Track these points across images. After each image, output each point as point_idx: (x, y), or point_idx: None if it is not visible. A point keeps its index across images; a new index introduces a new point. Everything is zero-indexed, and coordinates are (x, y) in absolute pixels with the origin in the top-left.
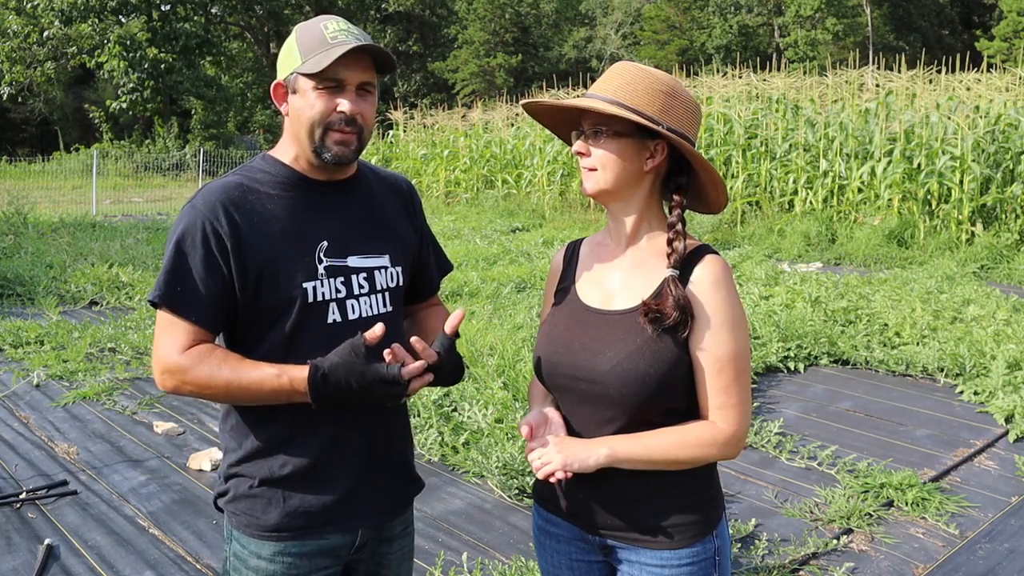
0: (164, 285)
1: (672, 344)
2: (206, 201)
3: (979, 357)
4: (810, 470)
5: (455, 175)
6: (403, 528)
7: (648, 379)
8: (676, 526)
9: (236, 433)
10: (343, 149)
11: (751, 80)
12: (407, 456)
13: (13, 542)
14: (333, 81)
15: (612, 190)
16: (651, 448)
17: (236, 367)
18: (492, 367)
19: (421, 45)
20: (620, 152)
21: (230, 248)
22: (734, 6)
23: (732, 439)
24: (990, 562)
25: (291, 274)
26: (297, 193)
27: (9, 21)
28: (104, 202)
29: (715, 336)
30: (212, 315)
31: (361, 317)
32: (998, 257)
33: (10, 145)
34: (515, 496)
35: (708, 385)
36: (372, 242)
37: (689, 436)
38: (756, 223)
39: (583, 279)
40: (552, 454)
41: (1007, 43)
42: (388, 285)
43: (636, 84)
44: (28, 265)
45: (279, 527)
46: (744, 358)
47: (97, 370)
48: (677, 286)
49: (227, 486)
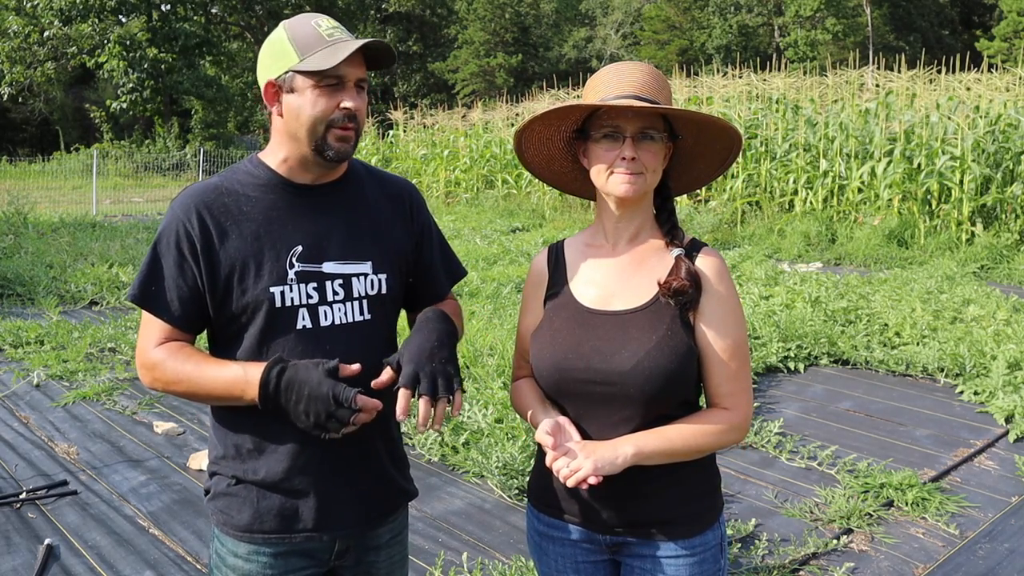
0: (139, 285)
1: (685, 336)
2: (182, 204)
3: (979, 357)
4: (810, 470)
5: (455, 175)
6: (392, 537)
7: (670, 374)
8: (688, 516)
9: (217, 431)
10: (344, 145)
11: (751, 80)
12: (392, 466)
13: (13, 542)
14: (335, 79)
15: (646, 192)
16: (673, 441)
17: (199, 363)
18: (492, 367)
19: (421, 45)
20: (663, 155)
21: (200, 250)
22: (734, 6)
23: (744, 422)
24: (990, 562)
25: (259, 277)
26: (276, 196)
27: (9, 21)
28: (104, 202)
29: (724, 323)
30: (184, 315)
31: (334, 324)
32: (998, 257)
33: (10, 145)
34: (515, 496)
35: (720, 373)
36: (353, 247)
37: (707, 424)
38: (756, 223)
39: (577, 281)
40: (581, 460)
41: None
42: (367, 292)
43: (661, 83)
44: (28, 265)
45: (251, 528)
46: (746, 346)
47: (97, 370)
48: (686, 261)
49: (210, 483)
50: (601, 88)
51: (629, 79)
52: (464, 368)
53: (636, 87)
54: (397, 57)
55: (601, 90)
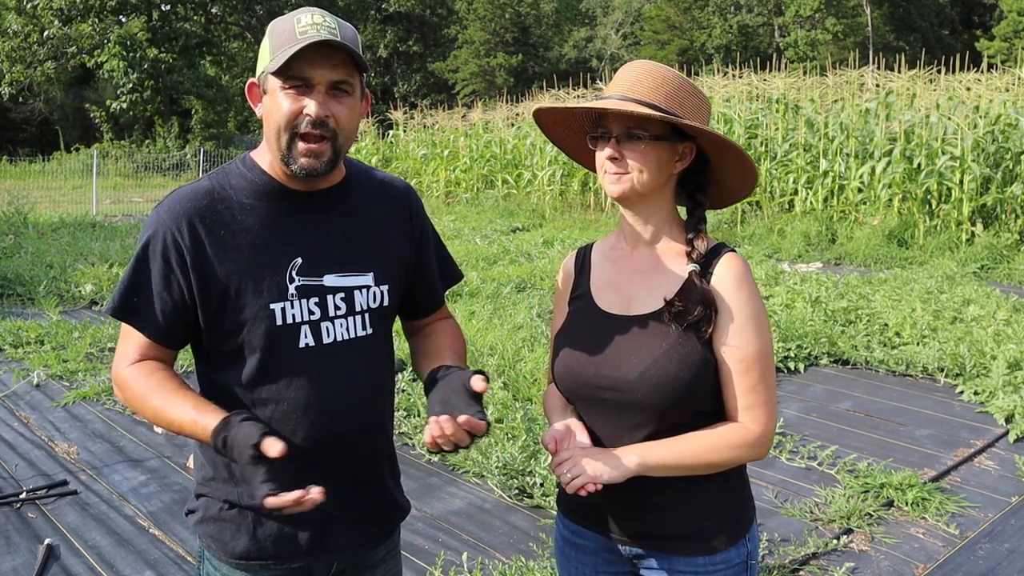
0: (119, 296)
1: (698, 345)
2: (171, 210)
3: (979, 357)
4: (810, 470)
5: (455, 175)
6: (387, 552)
7: (678, 383)
8: (709, 531)
9: (206, 451)
10: (312, 161)
11: (751, 80)
12: (391, 479)
13: (13, 542)
14: (299, 80)
15: (643, 193)
16: (682, 453)
17: (166, 399)
18: (492, 367)
19: (421, 45)
20: (657, 156)
21: (190, 263)
22: (734, 6)
23: (762, 439)
24: (990, 562)
25: (258, 293)
26: (273, 204)
27: (9, 21)
28: (104, 202)
29: (740, 334)
30: (167, 331)
31: (336, 341)
32: (998, 257)
33: (10, 145)
34: (515, 496)
35: (736, 385)
36: (354, 258)
37: (719, 439)
38: (756, 223)
39: (599, 285)
40: (581, 467)
41: (1007, 43)
42: (369, 306)
43: (669, 85)
44: (28, 265)
45: (248, 555)
46: (769, 356)
47: (97, 370)
48: (700, 280)
49: (197, 504)
50: (606, 90)
51: (625, 79)
52: None
53: (626, 87)
54: (366, 63)
55: (606, 92)
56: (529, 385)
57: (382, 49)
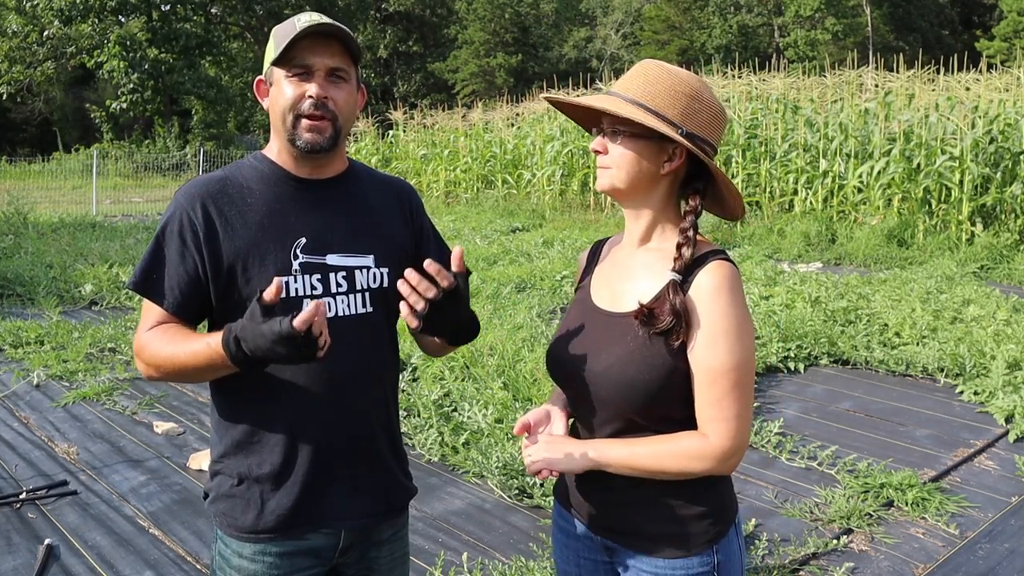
0: (139, 272)
1: (665, 351)
2: (187, 193)
3: (979, 357)
4: (810, 470)
5: (455, 175)
6: (394, 532)
7: (637, 385)
8: (671, 535)
9: (218, 427)
10: (315, 136)
11: (751, 80)
12: (392, 459)
13: (13, 542)
14: (301, 68)
15: (625, 190)
16: (637, 455)
17: (179, 341)
18: (492, 367)
19: (421, 45)
20: (637, 153)
21: (203, 239)
22: (734, 6)
23: (721, 454)
24: (990, 562)
25: (263, 267)
26: (280, 188)
27: (9, 21)
28: (104, 202)
29: (711, 346)
30: (183, 303)
31: (338, 316)
32: (998, 257)
33: (10, 145)
34: (515, 496)
35: (701, 396)
36: (356, 241)
37: (675, 447)
38: (756, 223)
39: (598, 279)
40: (539, 451)
41: (1007, 43)
42: (370, 285)
43: (659, 85)
44: (28, 265)
45: (256, 528)
46: (743, 370)
47: (97, 370)
48: (676, 291)
49: (212, 484)
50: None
51: (624, 76)
52: (464, 368)
53: (621, 84)
54: (360, 49)
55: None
56: (529, 385)
57: (382, 49)
